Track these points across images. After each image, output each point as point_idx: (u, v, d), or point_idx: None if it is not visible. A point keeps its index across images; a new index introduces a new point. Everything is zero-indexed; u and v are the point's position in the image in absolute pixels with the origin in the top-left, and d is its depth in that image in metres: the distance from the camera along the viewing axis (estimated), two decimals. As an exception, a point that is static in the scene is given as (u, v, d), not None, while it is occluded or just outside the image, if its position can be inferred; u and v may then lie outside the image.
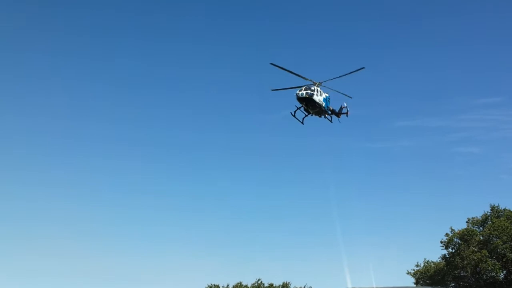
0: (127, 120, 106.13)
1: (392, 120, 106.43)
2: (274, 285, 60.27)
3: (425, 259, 59.78)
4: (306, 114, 36.03)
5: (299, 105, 35.10)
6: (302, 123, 36.37)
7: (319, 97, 34.87)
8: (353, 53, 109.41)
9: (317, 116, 36.45)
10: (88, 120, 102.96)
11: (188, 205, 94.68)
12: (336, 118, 38.24)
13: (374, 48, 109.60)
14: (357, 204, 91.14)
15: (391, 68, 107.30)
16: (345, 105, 38.78)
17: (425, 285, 54.47)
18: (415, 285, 56.79)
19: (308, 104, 34.66)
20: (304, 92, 34.12)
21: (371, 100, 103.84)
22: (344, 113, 38.84)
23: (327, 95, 36.31)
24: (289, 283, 60.31)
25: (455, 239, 52.69)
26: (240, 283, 59.89)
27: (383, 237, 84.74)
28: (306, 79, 35.12)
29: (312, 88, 34.53)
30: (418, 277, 57.88)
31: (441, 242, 53.84)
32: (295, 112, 35.79)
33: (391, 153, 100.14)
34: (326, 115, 36.96)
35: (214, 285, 58.99)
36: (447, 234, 53.59)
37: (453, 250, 52.56)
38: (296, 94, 34.27)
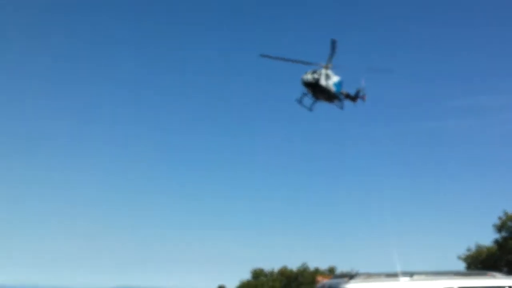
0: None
1: (444, 99, 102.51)
2: (320, 269, 60.08)
3: (476, 243, 57.88)
4: (315, 99, 32.67)
5: (305, 90, 32.05)
6: (311, 110, 33.11)
7: (327, 82, 31.54)
8: (399, 30, 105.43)
9: (327, 102, 33.05)
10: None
11: (233, 192, 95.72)
12: (352, 103, 34.27)
13: (428, 26, 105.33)
14: (407, 187, 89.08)
15: (446, 46, 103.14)
16: (363, 86, 34.53)
17: (476, 270, 52.81)
18: (466, 270, 55.21)
19: (315, 89, 31.60)
20: (310, 77, 31.10)
21: (422, 78, 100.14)
22: (360, 97, 34.55)
23: (339, 78, 32.73)
24: (335, 267, 59.96)
25: (509, 223, 50.56)
26: (285, 267, 60.05)
27: (434, 221, 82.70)
28: (311, 64, 31.95)
29: (319, 72, 31.29)
30: (470, 261, 56.14)
31: (494, 226, 51.93)
32: (301, 98, 32.59)
33: (443, 133, 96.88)
34: (337, 101, 33.33)
35: (259, 269, 59.45)
36: (500, 218, 51.50)
37: (507, 234, 50.50)
38: (301, 79, 31.41)
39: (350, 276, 7.22)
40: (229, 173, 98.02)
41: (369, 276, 7.23)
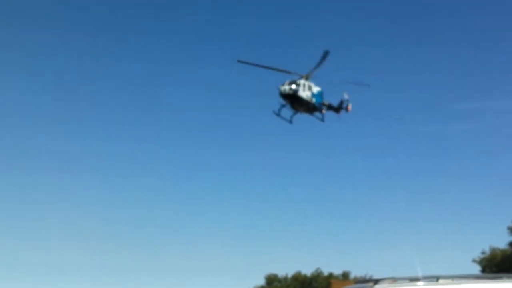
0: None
1: (450, 103, 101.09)
2: (334, 274, 59.82)
3: (491, 246, 57.46)
4: (294, 112, 30.88)
5: (283, 102, 30.21)
6: (291, 122, 31.22)
7: (306, 93, 29.84)
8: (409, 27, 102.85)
9: (308, 114, 31.33)
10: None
11: (245, 197, 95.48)
12: (336, 114, 32.78)
13: (433, 23, 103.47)
14: (419, 191, 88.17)
15: (450, 45, 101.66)
16: (346, 97, 32.88)
17: (491, 273, 52.30)
18: (481, 273, 54.67)
19: (293, 101, 29.84)
20: (287, 88, 29.29)
21: (424, 80, 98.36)
22: (344, 108, 32.95)
23: (319, 89, 31.05)
24: (349, 272, 59.66)
25: (523, 225, 50.24)
26: (299, 272, 59.87)
27: (448, 225, 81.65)
28: (290, 73, 30.25)
29: (298, 82, 29.63)
30: (485, 264, 55.76)
31: (508, 229, 51.60)
32: (279, 110, 30.60)
33: (448, 138, 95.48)
34: (317, 113, 31.61)
35: (272, 274, 59.28)
36: (514, 220, 51.18)
37: (522, 236, 50.16)
38: (278, 90, 29.54)
39: (375, 281, 7.17)
40: (240, 177, 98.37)
41: (394, 280, 7.17)
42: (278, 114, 30.92)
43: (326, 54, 29.74)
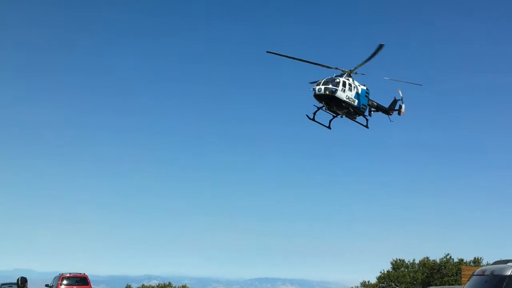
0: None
1: None
2: (465, 260, 57.85)
3: None
4: (334, 115, 26.42)
5: (319, 104, 25.67)
6: (329, 127, 26.76)
7: (347, 93, 24.87)
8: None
9: (349, 119, 26.63)
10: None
11: (377, 187, 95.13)
12: (387, 116, 28.36)
13: None
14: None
15: None
16: (401, 96, 28.22)
17: None
18: None
19: (331, 103, 25.06)
20: (323, 87, 24.45)
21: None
22: (396, 110, 28.42)
23: (364, 87, 26.31)
24: (481, 258, 57.28)
25: None
26: (427, 258, 58.77)
27: None
28: (328, 67, 25.60)
29: (336, 81, 24.74)
30: None
31: None
32: (314, 114, 26.30)
33: None
34: (361, 117, 26.70)
35: (399, 259, 59.00)
36: None
37: None
38: (313, 90, 24.74)
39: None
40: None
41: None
42: (313, 119, 26.47)
43: (380, 47, 24.73)
